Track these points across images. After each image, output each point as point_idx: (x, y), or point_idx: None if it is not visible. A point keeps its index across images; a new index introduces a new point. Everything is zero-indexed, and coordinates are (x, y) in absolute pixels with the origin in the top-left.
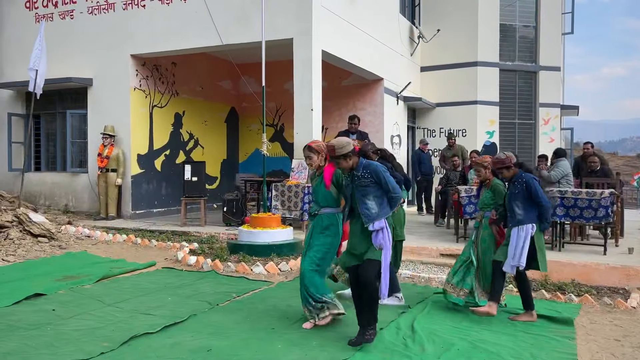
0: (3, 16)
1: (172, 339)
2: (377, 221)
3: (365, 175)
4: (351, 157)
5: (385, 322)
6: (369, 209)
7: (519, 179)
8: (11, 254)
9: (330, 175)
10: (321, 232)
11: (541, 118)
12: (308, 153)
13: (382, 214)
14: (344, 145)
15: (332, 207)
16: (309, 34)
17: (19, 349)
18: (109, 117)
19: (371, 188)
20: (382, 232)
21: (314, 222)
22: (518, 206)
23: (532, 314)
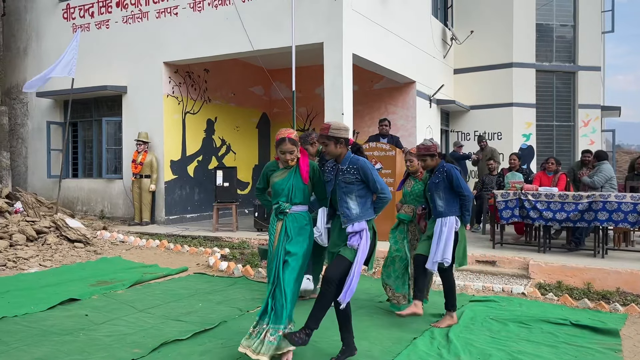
0: (42, 27)
1: (202, 346)
2: (357, 222)
3: (351, 171)
4: (342, 145)
5: (419, 331)
6: (349, 209)
7: (440, 168)
8: (48, 259)
9: (307, 167)
10: (298, 233)
11: (580, 120)
12: (290, 147)
13: (363, 215)
14: (341, 128)
15: (305, 204)
16: (340, 37)
17: (51, 355)
18: (142, 124)
19: (355, 186)
20: (360, 235)
21: (288, 221)
22: (440, 197)
23: (452, 316)
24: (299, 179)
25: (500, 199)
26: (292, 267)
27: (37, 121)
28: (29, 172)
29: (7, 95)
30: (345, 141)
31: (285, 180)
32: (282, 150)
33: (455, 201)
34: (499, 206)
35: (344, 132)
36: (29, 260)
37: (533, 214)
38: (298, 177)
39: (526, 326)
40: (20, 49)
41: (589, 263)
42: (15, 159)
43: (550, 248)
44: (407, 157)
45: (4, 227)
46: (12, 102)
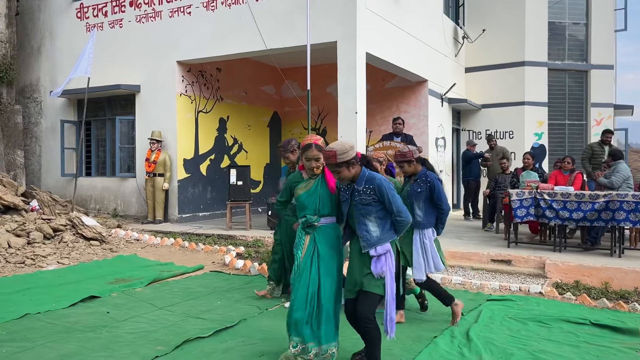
0: (56, 26)
1: (224, 343)
2: (380, 246)
3: (367, 191)
4: (354, 165)
5: (439, 330)
6: (369, 232)
7: (424, 177)
8: (65, 257)
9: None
10: (330, 248)
11: (593, 119)
12: (317, 154)
13: (384, 238)
14: (347, 150)
15: (334, 215)
16: (353, 37)
17: (76, 351)
18: (156, 122)
19: (373, 207)
20: (384, 258)
21: (317, 235)
22: (419, 207)
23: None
24: (325, 188)
25: (515, 198)
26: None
27: (51, 120)
28: (42, 171)
29: (21, 94)
30: (355, 160)
31: (311, 191)
32: (307, 157)
33: (433, 213)
34: (513, 205)
35: (350, 152)
36: (47, 257)
37: (549, 213)
38: (325, 186)
39: (546, 325)
40: (34, 48)
41: (606, 262)
42: (29, 158)
43: (565, 247)
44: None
45: (21, 225)
46: (26, 101)
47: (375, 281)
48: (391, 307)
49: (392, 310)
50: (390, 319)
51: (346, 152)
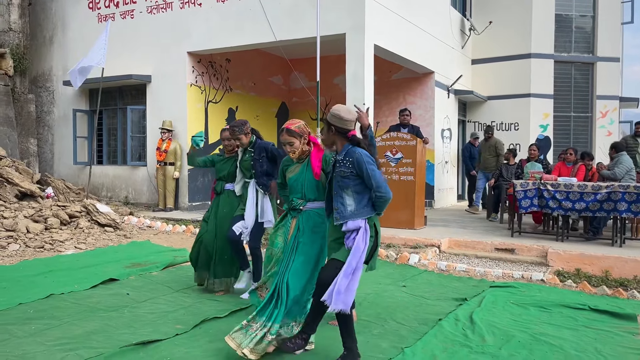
0: (68, 17)
1: (241, 321)
2: (352, 221)
3: (346, 163)
4: (334, 134)
5: (444, 313)
6: (344, 205)
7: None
8: (82, 242)
9: (319, 161)
10: (312, 232)
11: (598, 111)
12: (288, 138)
13: (359, 213)
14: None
15: (321, 200)
16: (362, 28)
17: (101, 329)
18: (166, 112)
19: (351, 180)
20: (357, 234)
21: (300, 219)
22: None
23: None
24: (310, 173)
25: (520, 189)
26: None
27: (63, 109)
28: (55, 159)
29: (34, 84)
30: (338, 131)
31: (297, 175)
32: (281, 141)
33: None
34: (518, 196)
35: (336, 119)
36: (64, 242)
37: (552, 203)
38: (310, 171)
39: (546, 310)
40: (46, 38)
41: (607, 252)
42: (41, 146)
43: (568, 237)
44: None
45: (38, 211)
46: (39, 90)
47: (344, 252)
48: (343, 278)
49: (342, 282)
50: (337, 290)
51: (333, 116)
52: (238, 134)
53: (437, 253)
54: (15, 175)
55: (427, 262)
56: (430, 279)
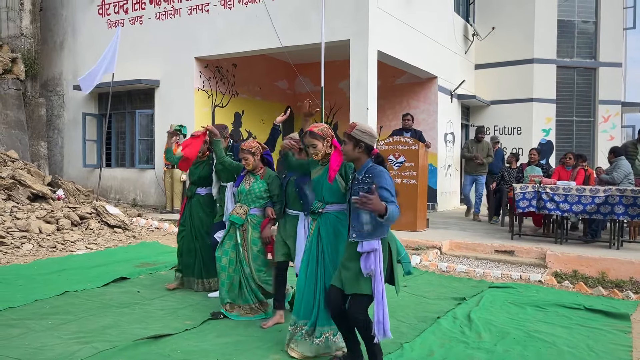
0: (78, 22)
1: (247, 320)
2: (367, 241)
3: (366, 180)
4: (361, 150)
5: (442, 312)
6: (361, 224)
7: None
8: (93, 243)
9: (337, 164)
10: (334, 236)
11: (600, 115)
12: (311, 140)
13: (375, 233)
14: (367, 132)
15: (341, 202)
16: (366, 35)
17: (114, 324)
18: (174, 116)
19: None
20: (373, 256)
21: (320, 222)
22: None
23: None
24: (326, 176)
25: (519, 191)
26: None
27: (73, 113)
28: (64, 162)
29: (45, 88)
30: (366, 147)
31: (318, 178)
32: (304, 143)
33: None
34: (516, 197)
35: (367, 137)
36: (76, 243)
37: (550, 205)
38: (326, 174)
39: (542, 310)
40: (56, 43)
41: (604, 254)
42: (51, 149)
43: (567, 240)
44: (241, 155)
45: (50, 212)
46: (49, 94)
47: (364, 281)
48: (379, 309)
49: (381, 311)
50: (378, 320)
51: (363, 133)
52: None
53: (438, 254)
54: (28, 178)
55: (428, 263)
56: (431, 280)
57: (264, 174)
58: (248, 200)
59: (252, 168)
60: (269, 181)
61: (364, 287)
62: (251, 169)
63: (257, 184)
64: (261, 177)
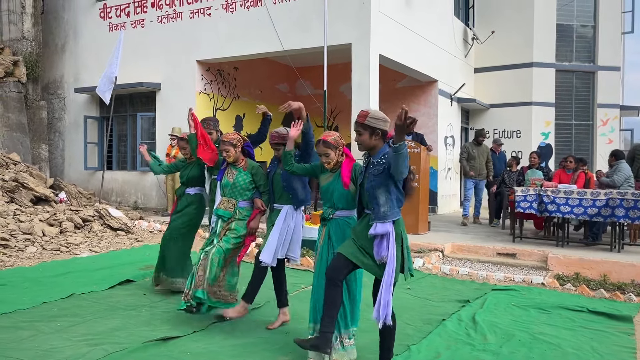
0: (80, 26)
1: (254, 321)
2: (381, 223)
3: (382, 161)
4: (378, 137)
5: (447, 314)
6: (379, 205)
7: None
8: (96, 245)
9: (349, 171)
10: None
11: (599, 119)
12: (324, 150)
13: (389, 214)
14: (380, 118)
15: (350, 209)
16: (368, 39)
17: (122, 326)
18: (176, 119)
19: (382, 178)
20: (385, 242)
21: (330, 228)
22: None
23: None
24: (340, 183)
25: (520, 194)
26: None
27: (74, 115)
28: (65, 164)
29: (46, 91)
30: (382, 133)
31: (328, 184)
32: (317, 152)
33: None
34: (517, 199)
35: (382, 122)
36: (79, 246)
37: (551, 207)
38: (340, 181)
39: (546, 312)
40: (58, 46)
41: (606, 257)
42: (52, 152)
43: (568, 242)
44: (222, 147)
45: (53, 215)
46: (50, 97)
47: (379, 267)
48: (386, 292)
49: (388, 295)
50: (383, 304)
51: (378, 119)
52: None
53: (441, 257)
54: (30, 180)
55: (431, 266)
56: (434, 282)
57: (246, 165)
58: (234, 194)
59: (234, 160)
60: (252, 172)
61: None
62: (232, 161)
63: (241, 176)
64: (244, 168)
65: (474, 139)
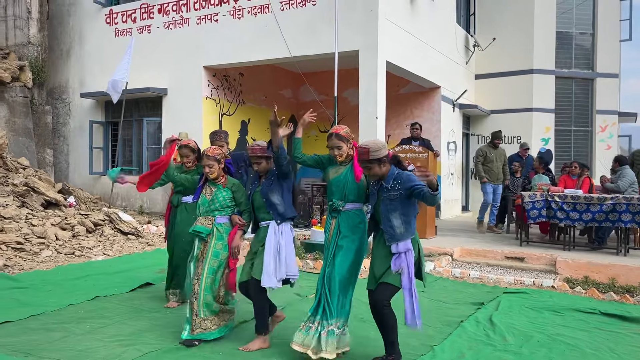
0: (85, 31)
1: (282, 322)
2: (403, 242)
3: (395, 187)
4: (385, 163)
5: (464, 316)
6: (392, 227)
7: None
8: (109, 249)
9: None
10: (351, 231)
11: (598, 125)
12: (337, 142)
13: (407, 233)
14: (380, 148)
15: (360, 202)
16: (375, 46)
17: (150, 327)
18: (182, 124)
19: (398, 203)
20: (404, 255)
21: (340, 219)
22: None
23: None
24: (352, 176)
25: (528, 200)
26: (340, 260)
27: (79, 120)
28: (70, 169)
29: (51, 96)
30: (386, 158)
31: (340, 177)
32: (329, 145)
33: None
34: (526, 207)
35: (383, 150)
36: (92, 249)
37: (560, 214)
38: (352, 174)
39: (559, 314)
40: (63, 51)
41: (613, 260)
42: (57, 156)
43: (574, 246)
44: (206, 162)
45: (64, 219)
46: (55, 102)
47: (394, 275)
48: (409, 299)
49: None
50: (411, 310)
51: (379, 150)
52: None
53: (450, 261)
54: (41, 185)
55: (442, 270)
56: (445, 285)
57: (225, 182)
58: (212, 211)
59: (215, 177)
60: (233, 189)
61: (392, 278)
62: (214, 177)
63: (221, 193)
64: (223, 185)
65: (490, 142)
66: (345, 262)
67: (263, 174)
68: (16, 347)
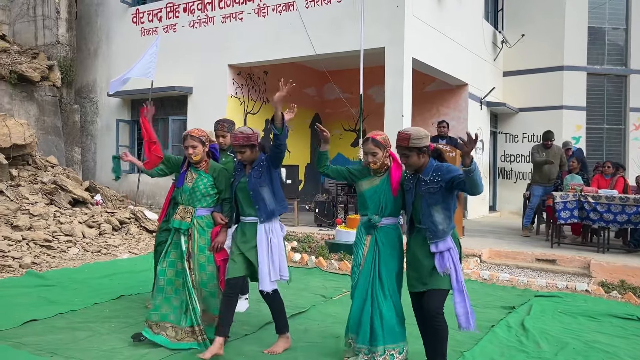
0: (112, 31)
1: (302, 325)
2: (443, 241)
3: (435, 179)
4: (424, 154)
5: (494, 320)
6: (434, 223)
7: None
8: (134, 247)
9: (399, 177)
10: (392, 250)
11: (631, 123)
12: (372, 148)
13: (448, 230)
14: (422, 137)
15: (396, 216)
16: (401, 42)
17: None
18: (207, 123)
19: (440, 196)
20: (447, 255)
21: (377, 236)
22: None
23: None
24: (390, 188)
25: (559, 200)
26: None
27: (106, 119)
28: (97, 167)
29: (79, 95)
30: (427, 149)
31: (376, 189)
32: (364, 150)
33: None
34: (557, 207)
35: (425, 140)
36: (118, 247)
37: (593, 215)
38: (389, 187)
39: (595, 320)
40: (90, 51)
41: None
42: (84, 154)
43: (608, 249)
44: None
45: (91, 217)
46: (83, 100)
47: (442, 277)
48: (461, 301)
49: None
50: (465, 311)
51: (420, 139)
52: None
53: (479, 262)
54: (69, 183)
55: (470, 272)
56: (475, 288)
57: (207, 167)
58: (193, 200)
59: (198, 160)
60: (214, 175)
61: (441, 282)
62: (197, 161)
63: (202, 180)
64: (205, 171)
65: (542, 143)
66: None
67: (248, 164)
68: (41, 346)
